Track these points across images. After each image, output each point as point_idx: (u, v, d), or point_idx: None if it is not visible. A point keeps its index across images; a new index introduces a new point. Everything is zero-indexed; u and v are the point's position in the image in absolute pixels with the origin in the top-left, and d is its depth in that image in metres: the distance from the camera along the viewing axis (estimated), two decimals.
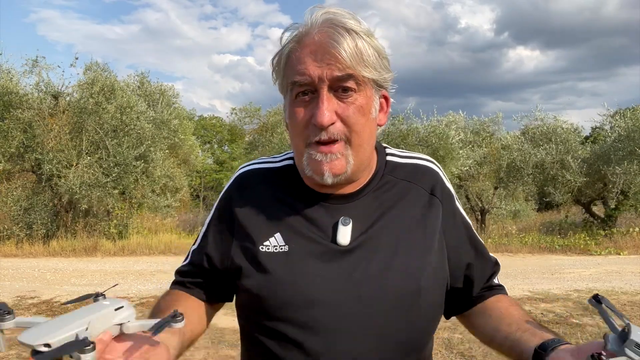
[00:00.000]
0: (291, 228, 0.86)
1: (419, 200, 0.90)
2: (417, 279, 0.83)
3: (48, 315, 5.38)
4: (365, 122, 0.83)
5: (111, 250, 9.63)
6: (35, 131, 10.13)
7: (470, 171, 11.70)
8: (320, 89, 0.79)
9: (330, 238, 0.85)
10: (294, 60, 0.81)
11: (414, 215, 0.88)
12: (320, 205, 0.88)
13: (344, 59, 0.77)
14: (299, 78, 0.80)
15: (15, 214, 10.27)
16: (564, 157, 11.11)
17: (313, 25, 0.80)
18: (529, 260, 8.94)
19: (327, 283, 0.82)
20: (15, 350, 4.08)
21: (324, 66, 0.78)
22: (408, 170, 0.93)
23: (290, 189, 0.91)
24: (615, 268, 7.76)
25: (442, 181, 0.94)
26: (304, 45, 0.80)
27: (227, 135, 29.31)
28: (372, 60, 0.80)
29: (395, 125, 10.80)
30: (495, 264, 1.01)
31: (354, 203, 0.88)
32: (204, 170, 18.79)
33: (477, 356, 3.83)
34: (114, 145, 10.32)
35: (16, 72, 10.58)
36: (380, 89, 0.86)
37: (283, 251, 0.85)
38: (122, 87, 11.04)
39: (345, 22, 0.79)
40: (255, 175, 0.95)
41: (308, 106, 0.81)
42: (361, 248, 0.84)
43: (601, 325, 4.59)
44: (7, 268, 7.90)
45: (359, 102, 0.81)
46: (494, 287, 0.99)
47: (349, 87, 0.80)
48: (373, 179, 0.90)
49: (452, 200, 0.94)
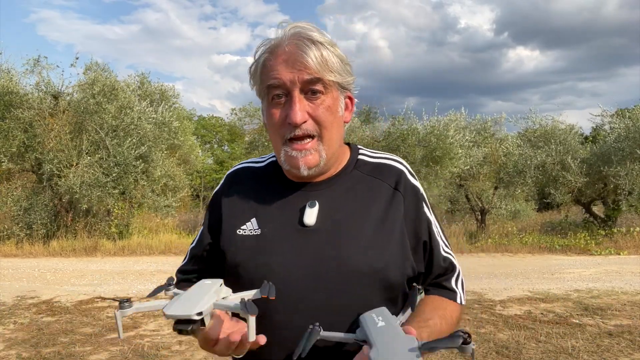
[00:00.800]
0: (266, 213, 0.99)
1: (382, 193, 1.00)
2: (373, 261, 0.92)
3: (49, 316, 5.37)
4: (333, 119, 0.95)
5: (111, 250, 9.63)
6: (35, 131, 10.14)
7: (471, 171, 11.70)
8: (292, 91, 0.91)
9: (298, 219, 0.96)
10: (269, 68, 0.93)
11: (377, 206, 0.98)
12: (293, 193, 1.00)
13: (312, 65, 0.89)
14: (273, 81, 0.92)
15: (16, 214, 10.27)
16: (564, 158, 11.11)
17: (283, 38, 0.93)
18: (529, 260, 8.94)
19: (291, 260, 0.92)
20: (15, 350, 4.08)
21: (295, 72, 0.90)
22: (375, 167, 1.04)
23: (271, 182, 1.04)
24: (615, 268, 7.75)
25: (406, 177, 1.03)
26: (277, 55, 0.92)
27: (227, 135, 29.31)
28: (336, 66, 0.93)
29: (395, 126, 10.79)
30: (449, 266, 1.05)
31: (323, 190, 0.99)
32: (204, 170, 18.79)
33: (477, 356, 3.83)
34: (114, 145, 10.32)
35: (16, 72, 10.59)
36: (345, 90, 0.99)
37: (255, 234, 0.97)
38: (123, 87, 11.04)
39: (310, 35, 0.92)
40: (243, 173, 1.09)
41: (283, 107, 0.93)
42: (325, 229, 0.95)
43: (601, 326, 4.59)
44: (7, 268, 7.90)
45: (327, 102, 0.93)
46: (442, 287, 1.04)
47: (318, 90, 0.92)
48: (343, 172, 1.02)
49: (416, 196, 1.02)
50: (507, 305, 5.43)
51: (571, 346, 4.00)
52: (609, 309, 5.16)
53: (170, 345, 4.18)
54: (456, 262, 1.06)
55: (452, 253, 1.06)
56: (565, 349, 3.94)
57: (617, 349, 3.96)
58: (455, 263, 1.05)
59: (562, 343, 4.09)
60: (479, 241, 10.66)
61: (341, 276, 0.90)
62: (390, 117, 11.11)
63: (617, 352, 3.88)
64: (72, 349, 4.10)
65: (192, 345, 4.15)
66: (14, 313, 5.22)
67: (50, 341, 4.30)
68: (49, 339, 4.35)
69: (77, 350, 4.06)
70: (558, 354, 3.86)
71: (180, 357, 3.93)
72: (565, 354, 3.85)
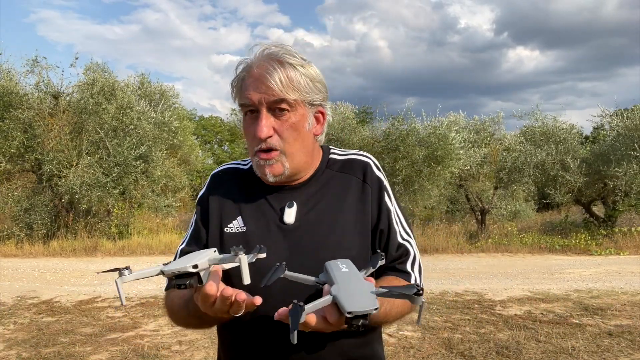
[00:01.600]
0: (250, 212, 1.09)
1: (353, 187, 1.10)
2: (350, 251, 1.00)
3: (49, 316, 5.36)
4: (297, 135, 1.05)
5: (111, 250, 9.63)
6: (35, 131, 10.13)
7: (471, 171, 11.69)
8: (260, 110, 1.02)
9: (279, 218, 1.06)
10: (244, 86, 1.04)
11: (350, 200, 1.08)
12: (273, 195, 1.10)
13: (275, 87, 0.99)
14: (245, 101, 1.03)
15: (16, 214, 10.27)
16: (564, 158, 11.10)
17: (255, 59, 1.03)
18: (529, 260, 8.94)
19: (274, 256, 0.98)
20: (15, 350, 4.08)
21: (262, 93, 1.00)
22: (344, 163, 1.14)
23: (253, 184, 1.12)
24: (615, 268, 7.75)
25: (371, 169, 1.12)
26: (250, 76, 1.03)
27: (227, 135, 29.32)
28: (302, 85, 1.02)
29: (395, 126, 10.79)
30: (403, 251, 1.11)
31: (299, 191, 1.09)
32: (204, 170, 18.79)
33: (477, 356, 3.83)
34: (114, 145, 10.32)
35: (16, 72, 10.59)
36: (315, 106, 1.07)
37: (241, 231, 1.07)
38: (122, 87, 11.04)
39: (280, 56, 1.02)
40: (227, 174, 1.19)
41: (253, 123, 1.03)
42: (303, 226, 1.05)
43: (601, 326, 4.59)
44: (7, 268, 7.90)
45: (292, 119, 1.03)
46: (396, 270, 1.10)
47: (283, 108, 1.02)
48: (316, 173, 1.12)
49: (379, 186, 1.11)
50: (507, 305, 5.43)
51: (571, 346, 4.00)
52: (609, 309, 5.16)
53: (170, 345, 4.18)
54: (412, 248, 1.11)
55: (412, 240, 1.12)
56: (565, 349, 3.94)
57: (617, 349, 3.96)
58: (410, 249, 1.11)
59: (562, 343, 4.09)
60: (479, 241, 10.66)
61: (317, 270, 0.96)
62: (390, 117, 11.10)
63: (617, 352, 3.88)
64: (72, 349, 4.11)
65: (192, 345, 4.15)
66: (14, 313, 5.23)
67: (50, 341, 4.30)
68: (49, 339, 4.35)
69: (77, 350, 4.06)
70: (558, 354, 3.86)
71: (180, 357, 3.93)
72: (565, 354, 3.85)
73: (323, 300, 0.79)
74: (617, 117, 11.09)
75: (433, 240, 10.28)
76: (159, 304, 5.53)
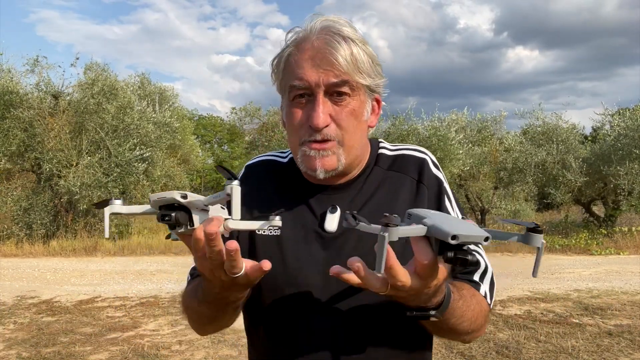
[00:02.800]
0: (286, 214, 0.91)
1: (405, 187, 0.94)
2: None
3: (49, 316, 5.37)
4: (357, 124, 0.89)
5: (111, 250, 9.63)
6: (35, 130, 10.14)
7: (471, 171, 11.70)
8: (316, 93, 0.84)
9: (318, 224, 0.91)
10: (293, 64, 0.86)
11: (401, 202, 0.92)
12: (313, 196, 0.94)
13: (341, 65, 0.82)
14: (297, 82, 0.85)
15: (15, 214, 10.27)
16: (564, 157, 11.10)
17: (312, 31, 0.86)
18: (529, 260, 8.93)
19: (313, 267, 0.88)
20: (15, 349, 4.08)
21: (321, 72, 0.83)
22: (395, 160, 0.98)
23: (290, 181, 0.98)
24: (615, 268, 7.75)
25: (428, 168, 0.96)
26: (303, 50, 0.85)
27: (227, 135, 29.32)
28: (366, 67, 0.86)
29: (395, 126, 10.80)
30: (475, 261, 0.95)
31: (343, 193, 0.94)
32: (204, 170, 18.80)
33: (477, 356, 3.83)
34: (115, 145, 10.32)
35: (16, 72, 10.59)
36: (373, 93, 0.92)
37: (275, 235, 0.92)
38: (123, 87, 11.04)
39: (342, 29, 0.84)
40: (263, 165, 1.03)
41: (304, 108, 0.87)
42: (347, 235, 0.89)
43: (601, 326, 4.59)
44: (7, 268, 7.90)
45: (352, 105, 0.87)
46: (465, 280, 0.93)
47: (344, 92, 0.85)
48: (364, 172, 0.96)
49: (440, 188, 0.96)
50: (507, 305, 5.43)
51: (571, 346, 4.00)
52: (609, 309, 5.16)
53: (170, 345, 4.18)
54: (483, 259, 0.94)
55: (481, 250, 0.95)
56: (565, 349, 3.94)
57: (617, 348, 3.96)
58: (481, 259, 0.94)
59: (562, 343, 4.09)
60: None
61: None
62: (391, 117, 11.11)
63: (617, 352, 3.88)
64: (72, 349, 4.11)
65: (192, 345, 4.15)
66: (14, 313, 5.23)
67: (50, 341, 4.30)
68: (49, 339, 4.35)
69: (77, 350, 4.06)
70: (558, 354, 3.86)
71: (180, 357, 3.93)
72: (565, 354, 3.85)
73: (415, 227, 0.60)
74: (619, 117, 11.09)
75: None
76: (159, 304, 5.53)
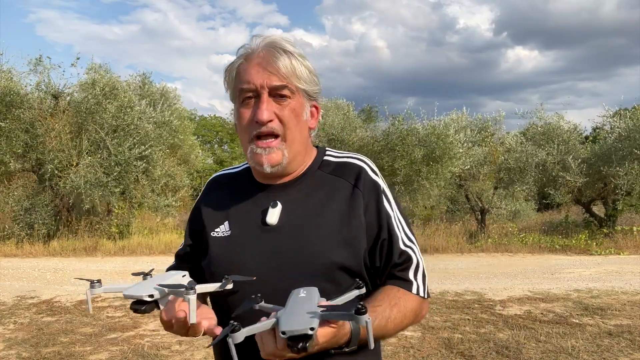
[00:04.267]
0: (236, 216, 1.08)
1: (342, 191, 1.05)
2: (329, 255, 0.98)
3: (49, 316, 5.36)
4: (297, 122, 1.03)
5: (111, 250, 9.63)
6: (37, 131, 10.14)
7: (471, 171, 11.68)
8: (261, 94, 0.99)
9: (261, 219, 1.03)
10: (242, 71, 1.02)
11: (336, 203, 1.03)
12: (260, 194, 1.08)
13: (281, 71, 0.99)
14: (245, 85, 1.00)
15: (16, 214, 10.28)
16: (564, 157, 11.10)
17: (258, 47, 1.02)
18: (529, 260, 8.93)
19: (256, 258, 1.00)
20: (15, 350, 4.08)
21: (265, 76, 0.99)
22: (337, 166, 1.10)
23: (243, 185, 1.12)
24: (615, 268, 7.75)
25: (366, 174, 1.07)
26: (250, 60, 1.01)
27: (227, 135, 29.31)
28: (303, 75, 1.02)
29: (395, 126, 10.79)
30: (406, 258, 1.04)
31: (286, 191, 1.06)
32: (204, 170, 18.78)
33: (477, 356, 3.83)
34: (115, 145, 10.32)
35: (17, 72, 10.59)
36: (311, 99, 1.07)
37: (226, 235, 1.06)
38: (123, 87, 11.04)
39: (284, 45, 1.01)
40: (220, 179, 1.20)
41: (251, 108, 1.01)
42: (286, 227, 1.02)
43: (601, 326, 4.59)
44: (7, 268, 7.90)
45: (292, 105, 1.01)
46: (397, 277, 1.03)
47: (285, 95, 1.00)
48: (306, 173, 1.09)
49: (376, 191, 1.06)
50: (507, 305, 5.43)
51: (571, 346, 4.00)
52: (609, 309, 5.16)
53: (170, 345, 4.18)
54: (415, 255, 1.05)
55: (414, 246, 1.06)
56: (565, 349, 3.94)
57: (617, 349, 3.96)
58: (413, 255, 1.05)
59: (562, 343, 4.09)
60: (479, 241, 10.66)
61: (298, 269, 0.97)
62: (391, 117, 11.09)
63: (617, 352, 3.88)
64: (72, 349, 4.11)
65: (192, 345, 4.15)
66: (14, 313, 5.23)
67: (50, 341, 4.30)
68: (49, 339, 4.35)
69: (77, 350, 4.06)
70: (558, 354, 3.86)
71: (180, 357, 3.93)
72: (565, 354, 3.85)
73: (265, 323, 0.76)
74: (620, 117, 11.08)
75: (433, 240, 10.28)
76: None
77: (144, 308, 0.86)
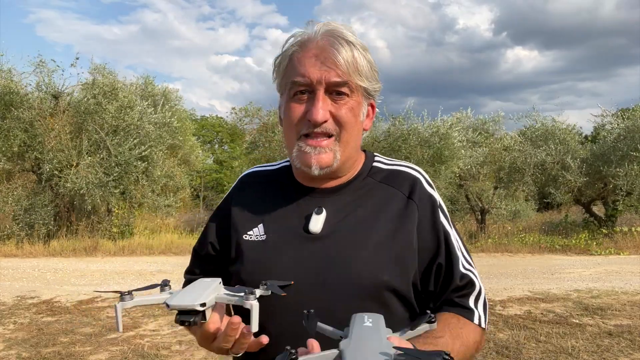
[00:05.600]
0: (273, 219, 0.96)
1: (395, 201, 0.95)
2: (379, 273, 0.87)
3: (49, 316, 5.36)
4: (354, 122, 0.92)
5: (111, 250, 9.63)
6: (36, 131, 10.15)
7: (471, 171, 11.69)
8: (317, 90, 0.87)
9: (303, 226, 0.92)
10: (296, 62, 0.89)
11: (388, 215, 0.93)
12: (303, 198, 0.97)
13: (342, 66, 0.86)
14: (299, 79, 0.88)
15: (16, 214, 10.28)
16: (563, 158, 11.10)
17: (316, 34, 0.89)
18: (529, 260, 8.93)
19: (295, 267, 0.89)
20: (15, 350, 4.08)
21: (324, 70, 0.87)
22: (389, 174, 0.99)
23: (281, 186, 1.01)
24: (615, 268, 7.75)
25: (421, 186, 0.97)
26: (307, 50, 0.89)
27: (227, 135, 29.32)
28: (365, 70, 0.90)
29: (395, 126, 10.79)
30: (467, 283, 0.94)
31: (333, 196, 0.95)
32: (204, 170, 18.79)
33: (477, 356, 3.83)
34: (115, 145, 10.32)
35: (17, 72, 10.60)
36: (369, 97, 0.95)
37: (260, 240, 0.95)
38: (123, 87, 11.05)
39: (345, 34, 0.89)
40: (254, 177, 1.07)
41: (304, 104, 0.89)
42: (331, 237, 0.91)
43: (601, 326, 4.59)
44: (7, 268, 7.90)
45: (350, 104, 0.90)
46: (458, 305, 0.93)
47: (343, 92, 0.89)
48: (356, 179, 0.98)
49: (432, 206, 0.96)
50: (507, 305, 5.43)
51: (571, 346, 4.00)
52: (609, 309, 5.16)
53: (170, 345, 4.18)
54: (477, 280, 0.95)
55: (474, 270, 0.96)
56: (565, 349, 3.94)
57: (617, 349, 3.96)
58: (475, 281, 0.95)
59: (562, 343, 4.09)
60: (479, 241, 10.66)
61: (343, 286, 0.87)
62: (391, 117, 11.09)
63: (617, 352, 3.88)
64: (72, 349, 4.11)
65: (192, 345, 4.15)
66: (14, 313, 5.23)
67: (50, 341, 4.30)
68: (49, 339, 4.35)
69: (77, 350, 4.06)
70: (558, 354, 3.86)
71: (180, 357, 3.93)
72: (565, 354, 3.85)
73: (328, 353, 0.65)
74: (619, 118, 11.09)
75: None
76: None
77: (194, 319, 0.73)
